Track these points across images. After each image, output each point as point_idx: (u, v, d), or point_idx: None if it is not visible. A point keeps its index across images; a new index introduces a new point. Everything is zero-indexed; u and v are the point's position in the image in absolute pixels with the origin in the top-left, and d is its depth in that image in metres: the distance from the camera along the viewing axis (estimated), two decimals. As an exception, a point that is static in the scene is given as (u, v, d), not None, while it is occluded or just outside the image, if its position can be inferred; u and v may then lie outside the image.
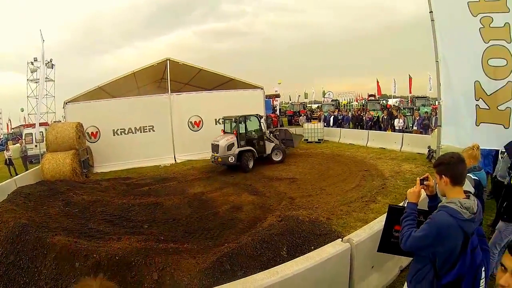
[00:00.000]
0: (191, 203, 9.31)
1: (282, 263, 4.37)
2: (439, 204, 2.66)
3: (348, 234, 6.68)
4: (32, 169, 15.30)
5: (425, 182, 2.90)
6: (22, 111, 37.27)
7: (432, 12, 5.66)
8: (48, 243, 5.70)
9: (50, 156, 13.83)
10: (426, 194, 3.00)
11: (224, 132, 15.03)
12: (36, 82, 30.87)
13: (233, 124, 14.57)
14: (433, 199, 2.93)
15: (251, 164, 14.21)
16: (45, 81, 29.79)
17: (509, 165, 5.20)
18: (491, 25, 5.08)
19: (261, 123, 15.50)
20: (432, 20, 5.67)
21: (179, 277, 5.01)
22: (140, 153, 16.98)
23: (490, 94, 5.11)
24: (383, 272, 4.86)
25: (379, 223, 4.71)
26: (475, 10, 5.18)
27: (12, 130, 41.21)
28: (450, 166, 2.65)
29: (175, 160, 17.49)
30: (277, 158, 15.41)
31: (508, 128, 5.06)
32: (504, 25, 5.01)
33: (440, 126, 5.78)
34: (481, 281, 2.49)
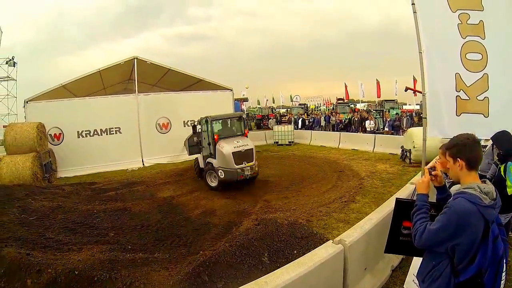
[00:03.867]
0: (160, 208, 8.78)
1: (265, 270, 3.95)
2: (456, 191, 2.40)
3: (331, 235, 6.45)
4: (-12, 174, 14.30)
5: (432, 172, 2.64)
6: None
7: (414, 4, 5.67)
8: (-5, 256, 4.98)
9: (9, 159, 12.80)
10: (434, 186, 2.72)
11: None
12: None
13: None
14: (442, 190, 2.67)
15: None
16: (6, 80, 28.69)
17: (496, 156, 5.03)
18: (468, 22, 5.22)
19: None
20: (415, 12, 5.67)
21: (151, 293, 4.46)
22: (107, 157, 16.11)
23: (470, 86, 5.25)
24: (376, 273, 4.55)
25: (369, 221, 4.38)
26: (454, 6, 5.29)
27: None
28: (467, 148, 2.41)
29: (143, 164, 16.78)
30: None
31: (487, 117, 5.21)
32: (479, 22, 5.16)
33: (426, 118, 5.70)
34: (502, 274, 2.27)
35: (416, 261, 3.67)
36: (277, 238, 5.97)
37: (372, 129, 20.79)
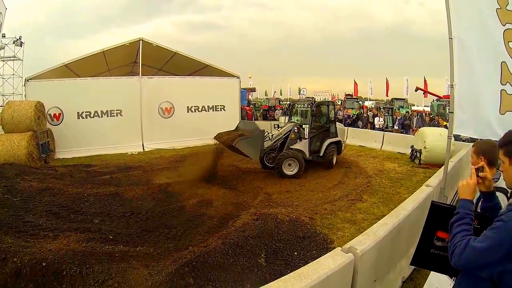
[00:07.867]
0: (155, 195, 8.26)
1: (260, 273, 3.39)
2: (510, 202, 1.86)
3: (335, 236, 5.90)
4: (-15, 151, 13.96)
5: (480, 174, 2.10)
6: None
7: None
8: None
9: (5, 137, 12.38)
10: (480, 191, 2.22)
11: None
12: (3, 61, 28.77)
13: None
14: (489, 197, 2.18)
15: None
16: (12, 59, 28.46)
17: None
18: (507, 7, 4.46)
19: None
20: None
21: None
22: (107, 139, 15.67)
23: None
24: (386, 286, 3.96)
25: (383, 226, 3.76)
26: None
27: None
28: None
29: (143, 148, 16.33)
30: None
31: None
32: None
33: (452, 113, 5.01)
34: None
35: (434, 277, 3.11)
36: (277, 237, 5.43)
37: (381, 126, 20.32)
